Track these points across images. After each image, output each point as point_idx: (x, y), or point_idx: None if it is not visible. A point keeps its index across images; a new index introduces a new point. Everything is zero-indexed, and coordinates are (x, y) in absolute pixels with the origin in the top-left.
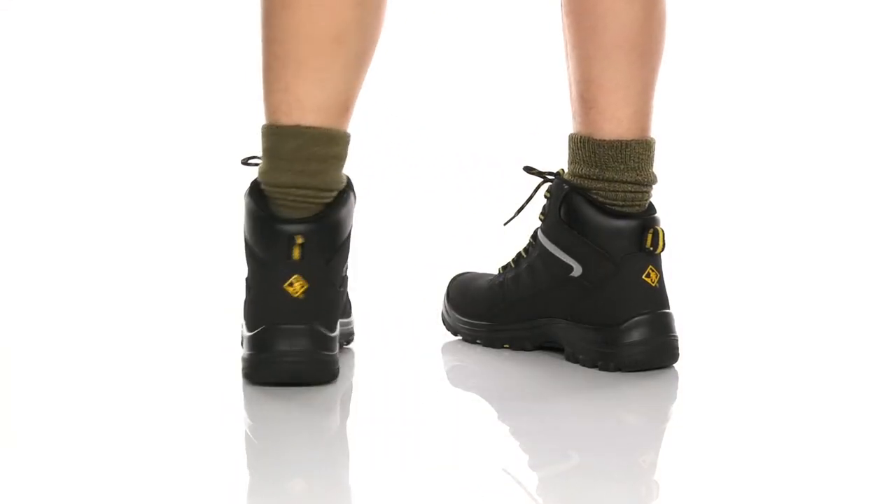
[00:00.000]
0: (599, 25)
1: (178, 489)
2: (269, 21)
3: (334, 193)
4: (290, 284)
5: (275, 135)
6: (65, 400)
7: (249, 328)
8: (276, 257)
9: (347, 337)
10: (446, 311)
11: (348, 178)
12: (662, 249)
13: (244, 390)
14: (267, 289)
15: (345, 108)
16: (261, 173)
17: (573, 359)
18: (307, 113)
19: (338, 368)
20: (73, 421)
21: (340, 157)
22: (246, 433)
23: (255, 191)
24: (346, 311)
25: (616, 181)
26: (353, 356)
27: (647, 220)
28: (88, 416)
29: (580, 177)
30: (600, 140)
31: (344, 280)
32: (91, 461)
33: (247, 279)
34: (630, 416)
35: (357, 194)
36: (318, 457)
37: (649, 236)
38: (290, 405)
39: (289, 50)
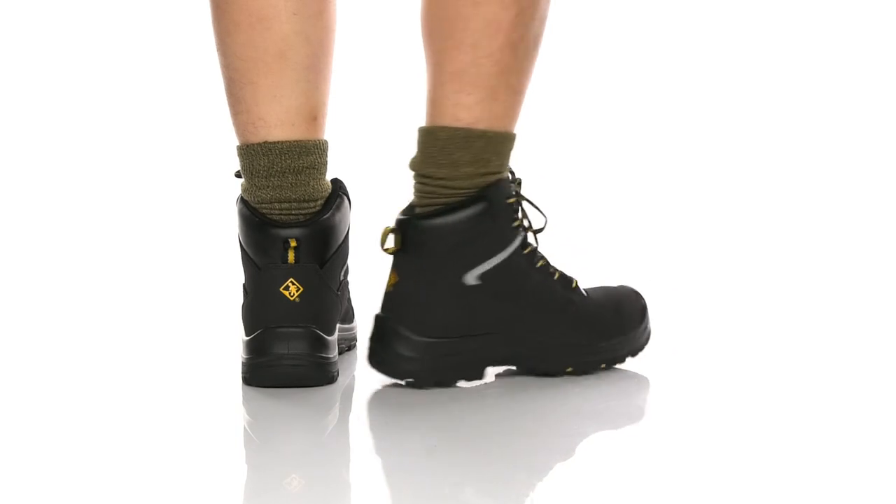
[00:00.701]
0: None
1: (178, 487)
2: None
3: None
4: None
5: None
6: (66, 398)
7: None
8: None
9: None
10: None
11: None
12: (296, 262)
13: (244, 389)
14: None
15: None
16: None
17: None
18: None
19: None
20: (73, 419)
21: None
22: (245, 430)
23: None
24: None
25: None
26: (353, 355)
27: (284, 232)
28: (89, 415)
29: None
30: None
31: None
32: (90, 459)
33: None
34: (633, 416)
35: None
36: (316, 454)
37: (289, 247)
38: (290, 403)
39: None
